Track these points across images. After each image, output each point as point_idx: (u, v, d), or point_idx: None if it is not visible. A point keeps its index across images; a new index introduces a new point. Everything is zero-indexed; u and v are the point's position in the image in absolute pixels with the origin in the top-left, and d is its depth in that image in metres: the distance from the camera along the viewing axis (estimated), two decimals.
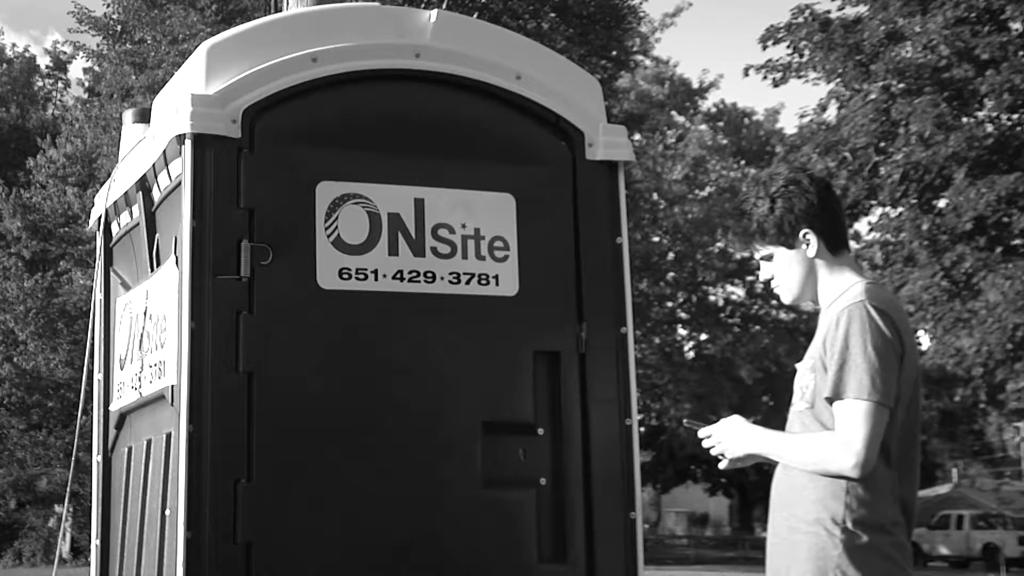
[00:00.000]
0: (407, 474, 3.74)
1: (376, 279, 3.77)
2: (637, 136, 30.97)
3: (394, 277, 3.80)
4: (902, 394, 3.00)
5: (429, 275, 3.84)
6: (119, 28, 23.60)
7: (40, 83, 36.85)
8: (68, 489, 10.32)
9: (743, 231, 3.27)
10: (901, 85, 21.22)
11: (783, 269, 3.21)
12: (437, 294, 3.84)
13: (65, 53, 35.45)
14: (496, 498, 3.83)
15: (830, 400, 2.99)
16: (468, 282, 3.88)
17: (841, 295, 3.11)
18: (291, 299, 3.69)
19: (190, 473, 3.48)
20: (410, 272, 3.82)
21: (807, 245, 3.16)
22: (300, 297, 3.70)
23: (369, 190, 3.82)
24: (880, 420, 2.93)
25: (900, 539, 3.02)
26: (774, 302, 38.72)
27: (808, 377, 3.09)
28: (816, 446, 3.00)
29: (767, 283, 3.30)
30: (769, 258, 3.23)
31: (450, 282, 3.86)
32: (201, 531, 3.47)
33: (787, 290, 3.24)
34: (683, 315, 38.26)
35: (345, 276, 3.74)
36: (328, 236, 3.74)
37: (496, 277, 3.92)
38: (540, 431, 3.90)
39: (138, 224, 4.20)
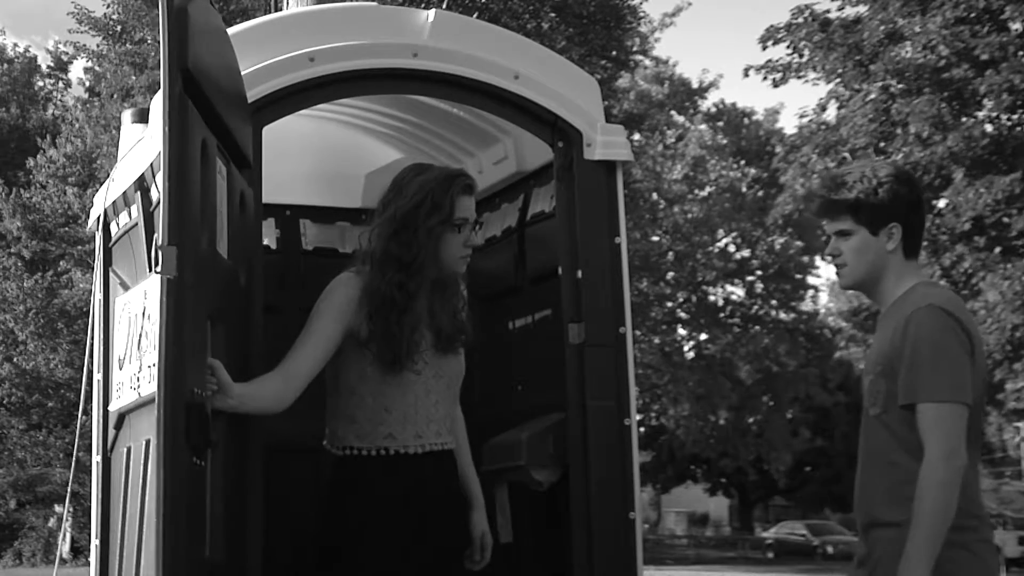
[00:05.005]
0: None
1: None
2: (637, 136, 30.93)
3: None
4: (975, 392, 3.00)
5: None
6: (119, 28, 23.58)
7: (40, 83, 36.86)
8: (68, 489, 10.32)
9: (829, 200, 3.18)
10: (901, 85, 21.21)
11: (855, 252, 3.15)
12: None
13: (67, 54, 35.47)
14: None
15: (907, 406, 2.97)
16: None
17: (903, 298, 3.10)
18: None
19: None
20: None
21: (889, 238, 3.12)
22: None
23: None
24: (962, 419, 2.93)
25: (986, 534, 3.02)
26: (774, 302, 38.73)
27: (880, 383, 3.05)
28: (922, 502, 2.89)
29: (832, 256, 3.20)
30: (845, 235, 3.16)
31: None
32: None
33: (850, 273, 3.18)
34: (683, 315, 38.22)
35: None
36: None
37: None
38: None
39: (137, 224, 4.20)
